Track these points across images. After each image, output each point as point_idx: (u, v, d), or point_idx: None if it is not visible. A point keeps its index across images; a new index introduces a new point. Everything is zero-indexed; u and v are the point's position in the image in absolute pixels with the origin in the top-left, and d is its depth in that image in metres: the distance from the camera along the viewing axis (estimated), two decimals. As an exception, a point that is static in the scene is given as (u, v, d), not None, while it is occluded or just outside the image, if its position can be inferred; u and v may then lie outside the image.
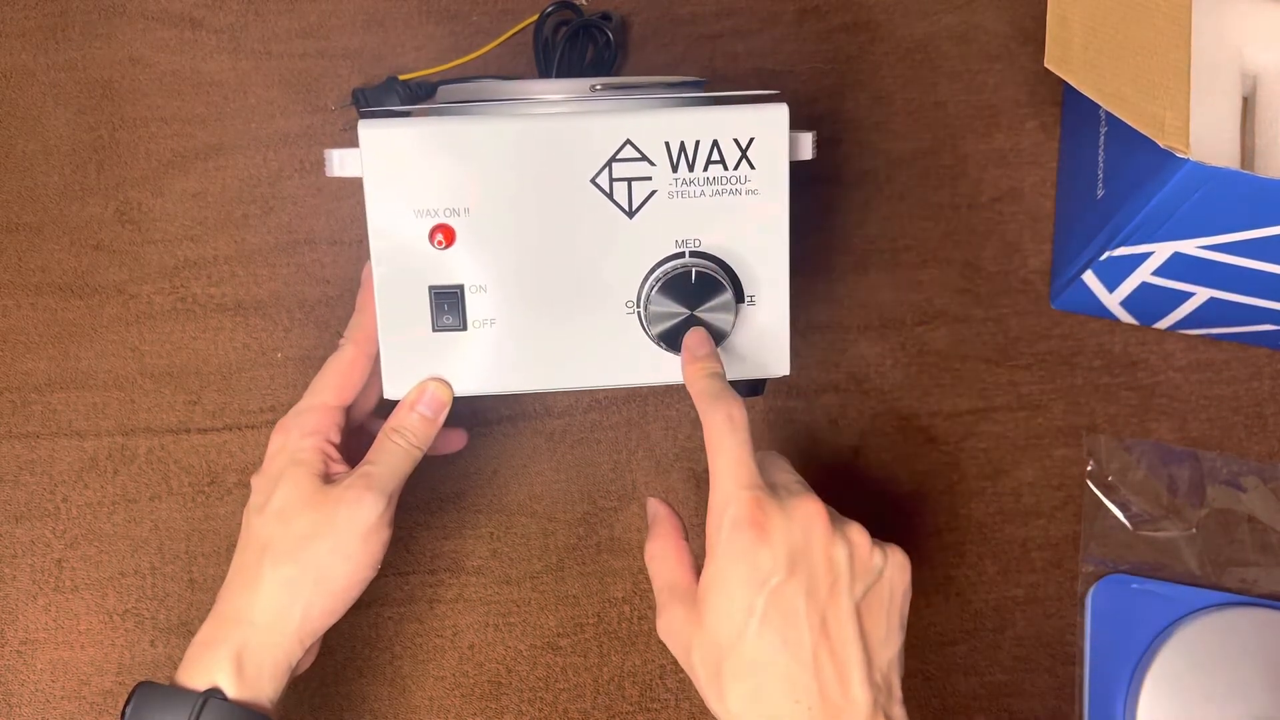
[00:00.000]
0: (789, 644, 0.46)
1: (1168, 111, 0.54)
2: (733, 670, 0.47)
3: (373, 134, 0.53)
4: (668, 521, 0.54)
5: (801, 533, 0.47)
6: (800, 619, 0.47)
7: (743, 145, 0.53)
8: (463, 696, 0.66)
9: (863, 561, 0.48)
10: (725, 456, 0.49)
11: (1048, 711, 0.67)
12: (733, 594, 0.47)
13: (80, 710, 0.65)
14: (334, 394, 0.57)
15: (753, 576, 0.47)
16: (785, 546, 0.47)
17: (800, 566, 0.47)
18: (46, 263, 0.70)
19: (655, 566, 0.52)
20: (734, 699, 0.47)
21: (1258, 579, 0.68)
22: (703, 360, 0.53)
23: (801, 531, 0.47)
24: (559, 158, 0.53)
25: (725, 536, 0.47)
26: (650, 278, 0.54)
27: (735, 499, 0.48)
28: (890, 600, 0.49)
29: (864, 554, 0.49)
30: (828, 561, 0.47)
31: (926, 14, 0.75)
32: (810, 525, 0.48)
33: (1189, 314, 0.68)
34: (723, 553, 0.47)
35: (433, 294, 0.54)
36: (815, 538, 0.48)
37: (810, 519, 0.48)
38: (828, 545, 0.48)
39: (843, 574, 0.48)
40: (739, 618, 0.47)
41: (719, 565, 0.48)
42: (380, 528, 0.54)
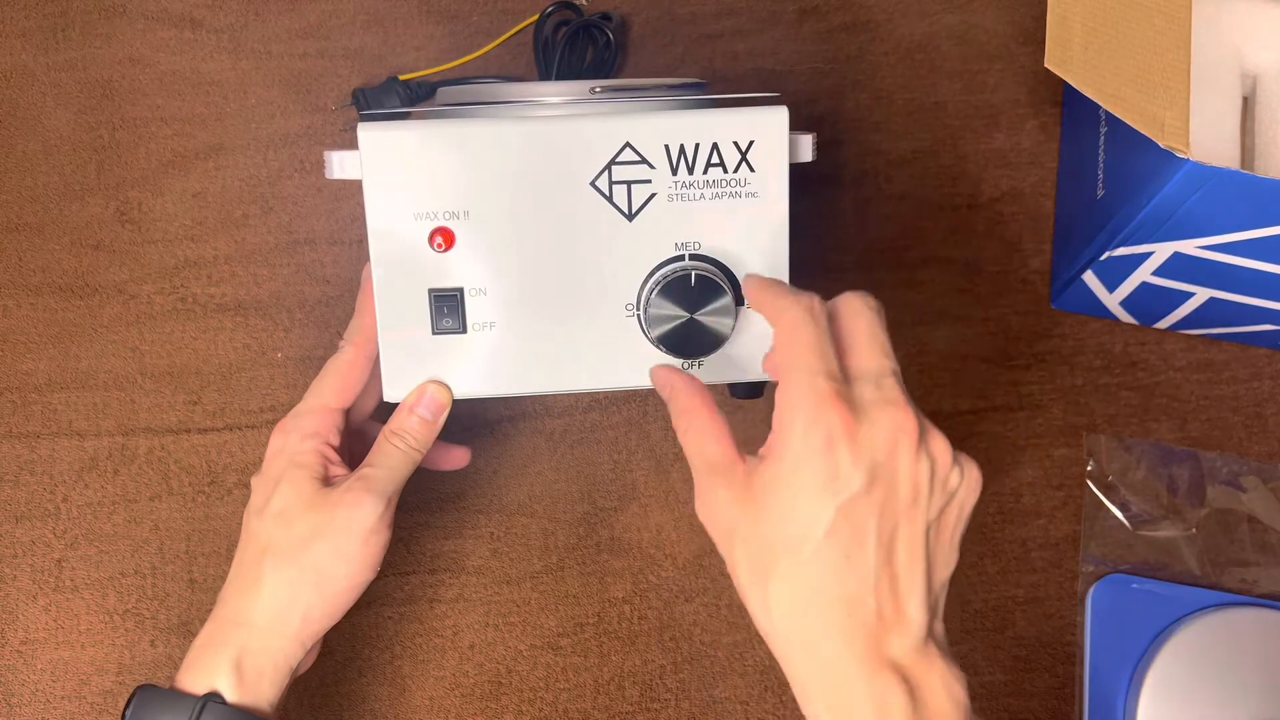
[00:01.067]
0: (852, 560, 0.43)
1: (1168, 111, 0.54)
2: (786, 574, 0.44)
3: (372, 137, 0.53)
4: (691, 389, 0.50)
5: (887, 443, 0.44)
6: (869, 536, 0.43)
7: (742, 148, 0.53)
8: (463, 696, 0.66)
9: (942, 479, 0.45)
10: (801, 342, 0.45)
11: (1048, 711, 0.67)
12: (801, 496, 0.44)
13: (80, 710, 0.65)
14: (334, 396, 0.57)
15: (827, 482, 0.43)
16: (869, 456, 0.43)
17: (880, 481, 0.44)
18: (46, 263, 0.70)
19: (692, 441, 0.48)
20: (779, 601, 0.44)
21: (1258, 579, 0.68)
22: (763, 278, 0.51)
23: (888, 442, 0.44)
24: (558, 160, 0.53)
25: (801, 430, 0.44)
26: (650, 281, 0.54)
27: (815, 388, 0.44)
28: (958, 520, 0.46)
29: (944, 472, 0.45)
30: (910, 480, 0.44)
31: (926, 14, 0.75)
32: (899, 438, 0.44)
33: (1189, 314, 0.68)
34: (797, 448, 0.44)
35: (432, 297, 0.54)
36: (902, 453, 0.44)
37: (900, 432, 0.44)
38: (913, 462, 0.44)
39: (922, 494, 0.44)
40: (804, 522, 0.44)
41: (790, 461, 0.44)
42: (380, 530, 0.54)
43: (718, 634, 0.67)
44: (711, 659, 0.67)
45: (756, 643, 0.67)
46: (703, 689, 0.66)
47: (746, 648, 0.67)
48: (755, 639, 0.67)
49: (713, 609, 0.67)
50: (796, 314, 0.46)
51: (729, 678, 0.67)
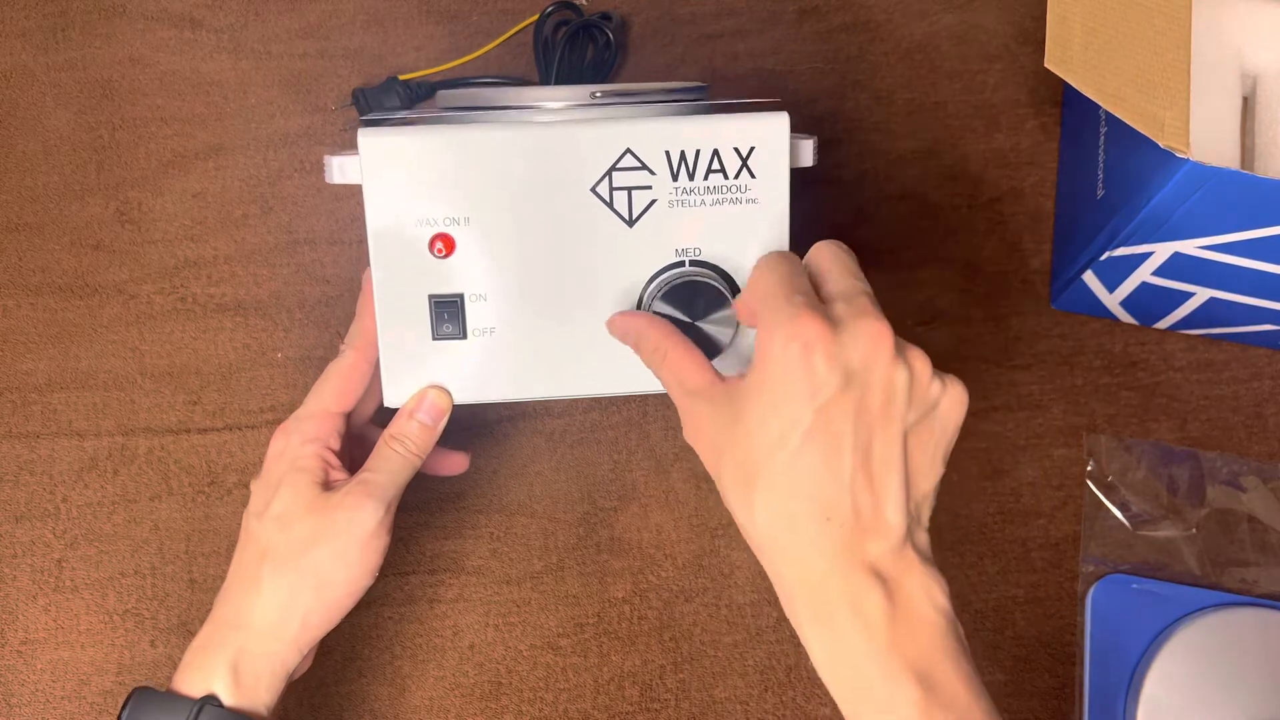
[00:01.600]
0: (829, 462, 0.45)
1: (1168, 111, 0.54)
2: (767, 480, 0.45)
3: (372, 142, 0.52)
4: (658, 326, 0.52)
5: (862, 352, 0.45)
6: (845, 439, 0.45)
7: (743, 154, 0.53)
8: (463, 696, 0.66)
9: (921, 389, 0.46)
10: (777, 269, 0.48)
11: (1048, 711, 0.67)
12: (779, 403, 0.45)
13: (80, 710, 0.65)
14: (335, 400, 0.57)
15: (804, 389, 0.45)
16: (842, 363, 0.45)
17: (855, 385, 0.45)
18: (46, 263, 0.70)
19: (669, 372, 0.50)
20: (762, 509, 0.46)
21: (1258, 579, 0.68)
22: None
23: (863, 351, 0.45)
24: (559, 166, 0.53)
25: (779, 345, 0.45)
26: (650, 287, 0.54)
27: (790, 304, 0.46)
28: (941, 433, 0.47)
29: (924, 382, 0.46)
30: (885, 385, 0.45)
31: (926, 14, 0.75)
32: (874, 346, 0.45)
33: (1189, 314, 0.68)
34: (775, 361, 0.46)
35: (432, 302, 0.54)
36: (878, 359, 0.45)
37: (875, 339, 0.45)
38: (888, 368, 0.45)
39: (898, 399, 0.46)
40: (782, 427, 0.45)
41: (769, 372, 0.46)
42: (379, 534, 0.54)
43: (718, 634, 0.67)
44: (711, 659, 0.67)
45: (756, 643, 0.67)
46: (703, 689, 0.66)
47: (746, 648, 0.67)
48: (755, 639, 0.67)
49: (713, 609, 0.67)
50: (769, 257, 0.50)
51: (729, 678, 0.67)
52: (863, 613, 0.44)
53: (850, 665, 0.45)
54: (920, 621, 0.45)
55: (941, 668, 0.44)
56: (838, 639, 0.45)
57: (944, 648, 0.45)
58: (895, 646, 0.44)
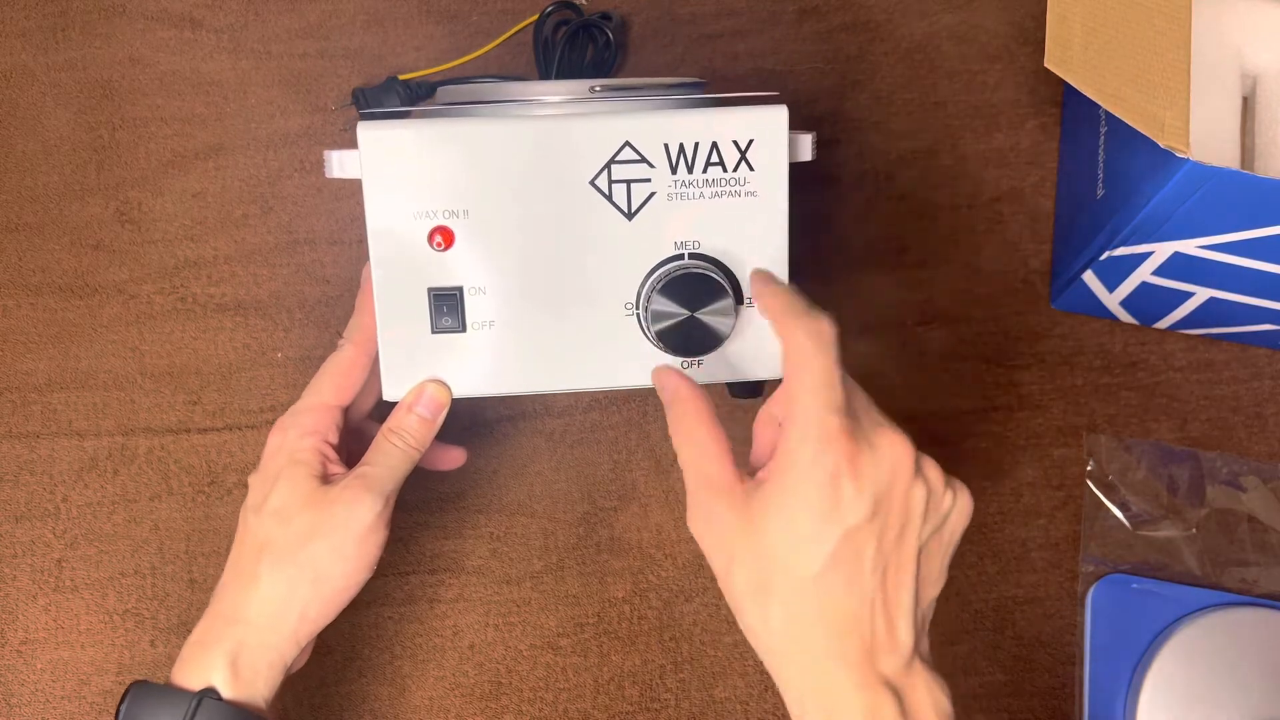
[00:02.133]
0: (850, 584, 0.45)
1: (1168, 111, 0.54)
2: (786, 593, 0.46)
3: (372, 135, 0.53)
4: (693, 399, 0.51)
5: (889, 474, 0.46)
6: (867, 562, 0.45)
7: (742, 147, 0.53)
8: (463, 696, 0.66)
9: (935, 504, 0.47)
10: (812, 374, 0.47)
11: (1048, 711, 0.67)
12: (806, 522, 0.45)
13: (80, 710, 0.65)
14: (333, 394, 0.57)
15: (832, 510, 0.45)
16: (872, 488, 0.45)
17: (881, 512, 0.46)
18: (46, 263, 0.70)
19: (688, 453, 0.49)
20: (779, 619, 0.46)
21: (1258, 579, 0.68)
22: (776, 284, 0.52)
23: (889, 473, 0.46)
24: (558, 159, 0.53)
25: (809, 457, 0.45)
26: (649, 280, 0.54)
27: (824, 422, 0.46)
28: (949, 542, 0.48)
29: (939, 495, 0.47)
30: (905, 505, 0.46)
31: (926, 14, 0.75)
32: (898, 467, 0.46)
33: (1189, 314, 0.68)
34: (803, 473, 0.45)
35: (432, 296, 0.54)
36: (900, 480, 0.46)
37: (898, 460, 0.46)
38: (909, 489, 0.46)
39: (915, 518, 0.46)
40: (806, 545, 0.45)
41: (796, 484, 0.45)
42: (377, 528, 0.54)
43: (718, 634, 0.67)
44: (711, 659, 0.67)
45: (756, 643, 0.67)
46: (703, 689, 0.66)
47: (746, 648, 0.67)
48: (755, 639, 0.67)
49: (713, 609, 0.67)
50: (804, 337, 0.48)
51: (729, 678, 0.67)
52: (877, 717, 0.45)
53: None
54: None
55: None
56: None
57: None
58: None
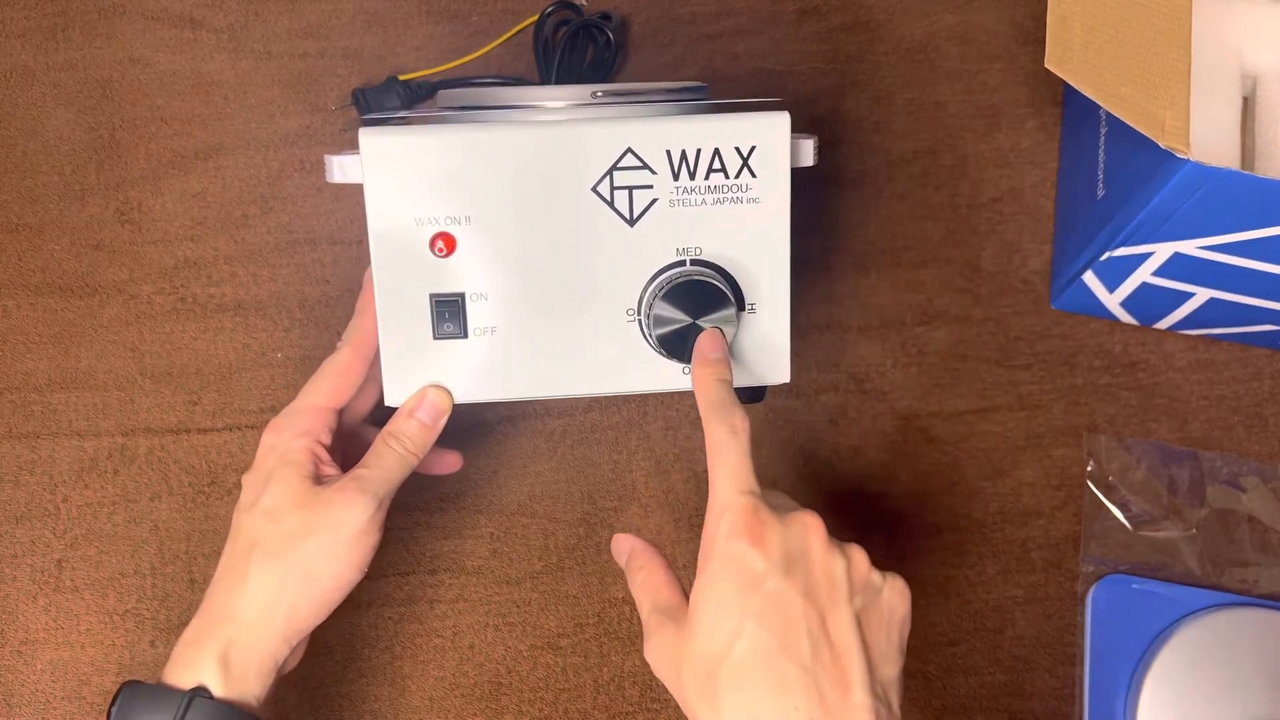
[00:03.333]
0: (786, 646, 0.45)
1: (1168, 111, 0.54)
2: (728, 677, 0.46)
3: (374, 141, 0.52)
4: (646, 552, 0.54)
5: (799, 540, 0.47)
6: (798, 619, 0.46)
7: (744, 153, 0.53)
8: (463, 696, 0.66)
9: (861, 576, 0.48)
10: (724, 464, 0.48)
11: (1048, 711, 0.67)
12: (725, 598, 0.46)
13: (80, 710, 0.65)
14: (328, 396, 0.57)
15: (746, 579, 0.46)
16: (781, 551, 0.46)
17: (797, 570, 0.46)
18: (46, 263, 0.70)
19: (642, 594, 0.52)
20: (727, 707, 0.45)
21: (1258, 579, 0.68)
22: (713, 365, 0.52)
23: (799, 539, 0.47)
24: (560, 166, 0.53)
25: (720, 543, 0.47)
26: (651, 286, 0.54)
27: (732, 505, 0.47)
28: (890, 619, 0.48)
29: (862, 570, 0.48)
30: (825, 571, 0.47)
31: (926, 14, 0.75)
32: (807, 534, 0.47)
33: (1189, 314, 0.68)
34: (717, 558, 0.47)
35: (434, 302, 0.54)
36: (813, 546, 0.47)
37: (808, 529, 0.48)
38: (825, 555, 0.47)
39: (840, 584, 0.47)
40: (732, 622, 0.46)
41: (712, 571, 0.47)
42: (370, 531, 0.54)
43: (718, 634, 0.67)
44: (711, 659, 0.67)
45: (756, 643, 0.67)
46: (703, 689, 0.66)
47: (746, 648, 0.67)
48: (755, 639, 0.67)
49: (713, 609, 0.67)
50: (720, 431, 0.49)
51: (729, 678, 0.67)
52: None
53: None
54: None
55: None
56: None
57: None
58: None
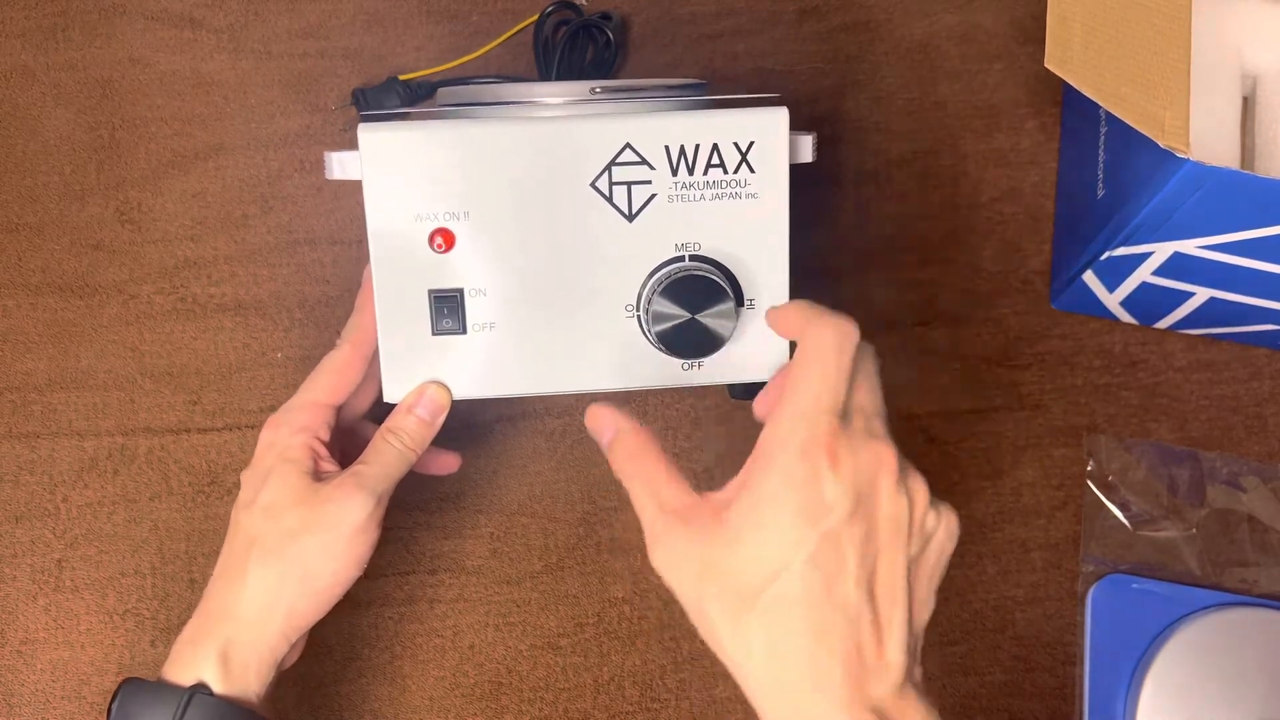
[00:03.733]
0: (834, 591, 0.43)
1: (1168, 111, 0.54)
2: (763, 607, 0.43)
3: (372, 137, 0.53)
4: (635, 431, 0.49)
5: (869, 475, 0.44)
6: (850, 568, 0.43)
7: (743, 148, 0.53)
8: (463, 696, 0.66)
9: (920, 519, 0.45)
10: (819, 370, 0.45)
11: (1048, 711, 0.67)
12: (783, 524, 0.43)
13: (80, 710, 0.65)
14: (326, 392, 0.57)
15: (809, 509, 0.43)
16: (851, 485, 0.43)
17: (862, 511, 0.43)
18: (46, 263, 0.70)
19: (641, 485, 0.47)
20: (758, 639, 0.43)
21: (1258, 579, 0.68)
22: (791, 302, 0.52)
23: (869, 474, 0.44)
24: (559, 161, 0.53)
25: (788, 457, 0.43)
26: (650, 281, 0.54)
27: (814, 425, 0.44)
28: (937, 563, 0.46)
29: (922, 509, 0.45)
30: (890, 514, 0.44)
31: (926, 14, 0.75)
32: (879, 470, 0.44)
33: (1189, 314, 0.68)
34: (779, 472, 0.43)
35: (432, 297, 0.54)
36: (882, 485, 0.44)
37: (880, 464, 0.44)
38: (893, 496, 0.44)
39: (901, 528, 0.44)
40: (785, 551, 0.43)
41: (771, 486, 0.43)
42: (369, 528, 0.54)
43: (718, 634, 0.67)
44: (711, 659, 0.66)
45: (756, 643, 0.67)
46: (703, 689, 0.66)
47: (746, 648, 0.67)
48: (755, 639, 0.67)
49: (713, 609, 0.67)
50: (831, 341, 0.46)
51: (729, 678, 0.66)
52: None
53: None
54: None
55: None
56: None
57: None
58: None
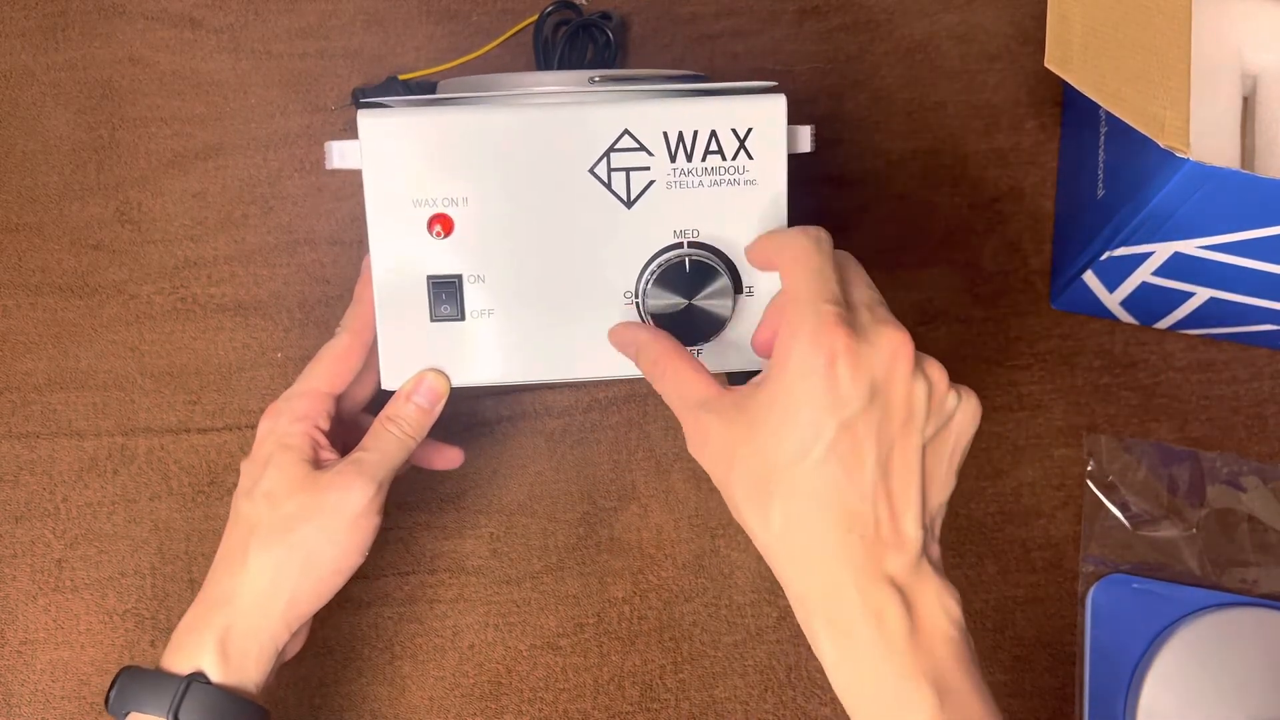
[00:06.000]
0: (852, 475, 0.45)
1: (1168, 111, 0.54)
2: (785, 489, 0.45)
3: (372, 124, 0.53)
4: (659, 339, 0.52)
5: (885, 365, 0.45)
6: (868, 453, 0.45)
7: (741, 135, 0.53)
8: (463, 696, 0.66)
9: (939, 401, 0.47)
10: (806, 268, 0.47)
11: (1048, 711, 0.67)
12: (802, 411, 0.45)
13: (80, 710, 0.65)
14: (326, 381, 0.57)
15: (828, 399, 0.44)
16: (869, 375, 0.45)
17: (878, 400, 0.45)
18: (46, 263, 0.70)
19: (671, 385, 0.50)
20: (779, 518, 0.45)
21: (1258, 579, 0.68)
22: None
23: (886, 363, 0.45)
24: (557, 148, 0.53)
25: (802, 351, 0.45)
26: (648, 268, 0.54)
27: (817, 313, 0.45)
28: (955, 445, 0.48)
29: (941, 393, 0.47)
30: (906, 398, 0.46)
31: (926, 14, 0.75)
32: (895, 359, 0.46)
33: (1189, 314, 0.68)
34: (797, 367, 0.45)
35: (431, 284, 0.54)
36: (898, 372, 0.45)
37: (897, 351, 0.46)
38: (909, 381, 0.46)
39: (918, 413, 0.46)
40: (805, 438, 0.45)
41: (790, 379, 0.45)
42: (369, 514, 0.54)
43: (718, 634, 0.67)
44: (711, 659, 0.67)
45: (756, 643, 0.67)
46: (703, 689, 0.66)
47: (746, 648, 0.67)
48: (755, 639, 0.67)
49: (713, 609, 0.67)
50: (803, 242, 0.48)
51: (729, 678, 0.67)
52: (883, 624, 0.45)
53: (868, 675, 0.45)
54: (936, 633, 0.45)
55: (956, 678, 0.45)
56: (856, 648, 0.45)
57: (959, 659, 0.45)
58: (914, 657, 0.44)
